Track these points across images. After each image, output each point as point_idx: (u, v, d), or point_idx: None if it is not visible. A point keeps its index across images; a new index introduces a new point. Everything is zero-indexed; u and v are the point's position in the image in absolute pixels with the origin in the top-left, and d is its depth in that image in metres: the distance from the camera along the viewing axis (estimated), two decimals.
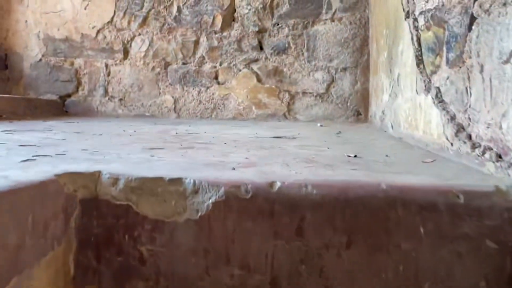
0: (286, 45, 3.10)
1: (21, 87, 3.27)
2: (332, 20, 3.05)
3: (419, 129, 1.72)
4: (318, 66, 3.07)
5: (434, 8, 1.60)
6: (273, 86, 3.12)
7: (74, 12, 3.22)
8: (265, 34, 3.12)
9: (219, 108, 3.17)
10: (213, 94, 3.17)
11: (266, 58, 3.13)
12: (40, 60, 3.27)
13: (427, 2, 1.69)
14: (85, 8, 3.21)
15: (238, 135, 1.93)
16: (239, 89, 3.14)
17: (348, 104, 3.06)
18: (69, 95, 3.27)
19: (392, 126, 2.22)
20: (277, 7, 3.09)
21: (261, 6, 3.08)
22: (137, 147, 1.36)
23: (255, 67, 3.13)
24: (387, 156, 1.35)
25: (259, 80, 3.13)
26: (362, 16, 3.03)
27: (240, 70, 3.14)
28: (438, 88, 1.54)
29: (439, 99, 1.52)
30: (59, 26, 3.24)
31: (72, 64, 3.26)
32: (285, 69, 3.11)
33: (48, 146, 1.29)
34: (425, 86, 1.68)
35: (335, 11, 3.05)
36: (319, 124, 2.74)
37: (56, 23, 3.24)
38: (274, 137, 1.87)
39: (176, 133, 1.97)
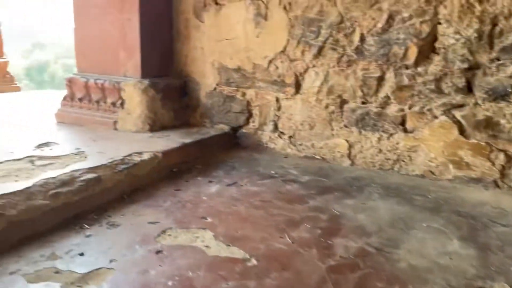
0: (509, 89, 2.22)
1: (198, 115, 3.27)
2: None
3: None
4: None
5: None
6: (482, 142, 2.32)
7: (246, 41, 2.94)
8: (478, 72, 2.29)
9: (403, 161, 2.56)
10: (397, 143, 2.56)
11: (476, 104, 2.31)
12: (215, 89, 3.17)
13: None
14: (257, 36, 2.89)
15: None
16: (433, 141, 2.45)
17: None
18: (240, 127, 3.12)
19: None
20: (500, 36, 2.19)
21: (476, 35, 2.23)
22: None
23: (458, 114, 2.37)
24: None
25: (462, 132, 2.36)
26: None
27: (436, 117, 2.42)
28: None
29: None
30: (231, 55, 3.03)
31: (243, 95, 3.06)
32: (502, 121, 2.26)
33: None
34: None
35: None
36: None
37: (228, 52, 3.04)
38: None
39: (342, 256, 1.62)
